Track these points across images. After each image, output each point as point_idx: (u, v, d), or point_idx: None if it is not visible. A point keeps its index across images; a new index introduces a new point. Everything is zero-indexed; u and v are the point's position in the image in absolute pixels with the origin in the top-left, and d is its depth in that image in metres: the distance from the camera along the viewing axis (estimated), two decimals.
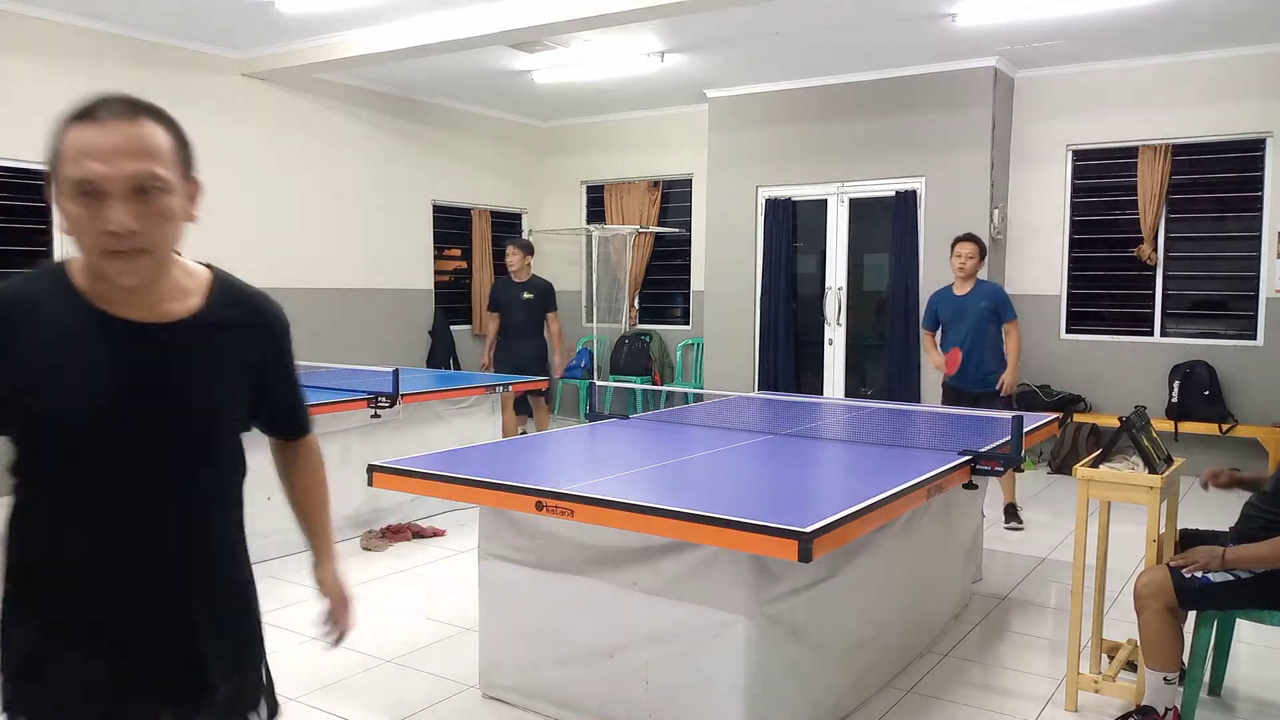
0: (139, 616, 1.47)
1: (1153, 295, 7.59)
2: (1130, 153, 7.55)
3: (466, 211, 9.75)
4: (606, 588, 2.99)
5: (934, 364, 6.02)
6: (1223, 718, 3.29)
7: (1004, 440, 3.70)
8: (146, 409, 1.43)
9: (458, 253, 9.79)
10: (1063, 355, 7.82)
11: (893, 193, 8.01)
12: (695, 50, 7.39)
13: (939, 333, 5.99)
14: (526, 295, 7.25)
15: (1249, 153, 7.18)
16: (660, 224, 9.81)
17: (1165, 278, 7.56)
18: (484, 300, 9.83)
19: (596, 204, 10.28)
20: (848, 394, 8.29)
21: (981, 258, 5.77)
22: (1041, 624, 4.18)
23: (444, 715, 3.23)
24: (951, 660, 3.74)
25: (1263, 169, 7.12)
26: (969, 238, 5.80)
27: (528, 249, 7.30)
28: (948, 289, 5.91)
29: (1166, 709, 2.98)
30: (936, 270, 7.82)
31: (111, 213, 1.33)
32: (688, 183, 9.67)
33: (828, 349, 8.45)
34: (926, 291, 7.85)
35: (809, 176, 8.40)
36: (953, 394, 5.85)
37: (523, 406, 7.27)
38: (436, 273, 9.42)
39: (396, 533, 5.42)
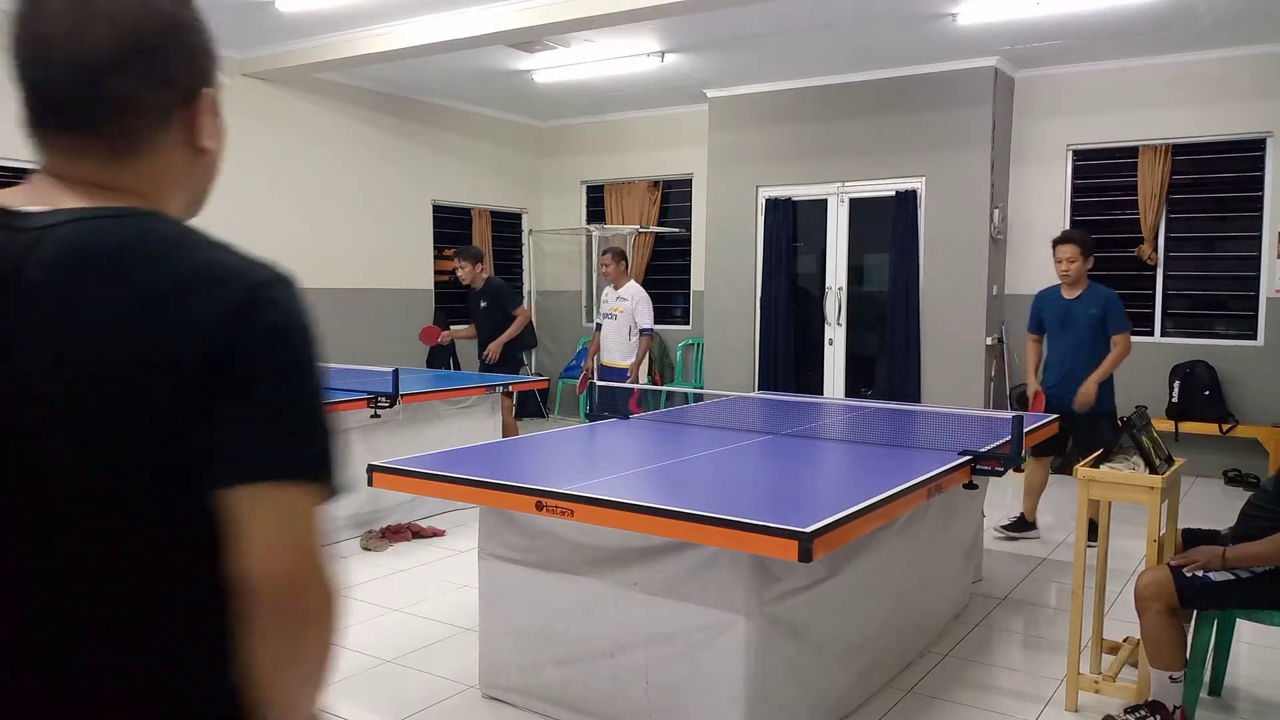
0: None
1: (1153, 295, 7.59)
2: (1130, 153, 7.55)
3: (466, 211, 9.75)
4: (606, 588, 2.98)
5: (1028, 386, 5.50)
6: (1223, 717, 3.29)
7: (1004, 440, 3.70)
8: None
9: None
10: None
11: (893, 193, 8.01)
12: (695, 50, 7.39)
13: (1044, 340, 5.50)
14: (483, 304, 6.92)
15: (1249, 153, 7.18)
16: (660, 224, 9.81)
17: (1165, 278, 7.56)
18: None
19: (596, 204, 10.27)
20: (848, 394, 8.29)
21: (1086, 257, 5.20)
22: (1041, 624, 4.18)
23: (444, 715, 3.23)
24: (951, 660, 3.73)
25: (1263, 169, 7.12)
26: (1068, 238, 5.24)
27: (475, 257, 6.86)
28: (1055, 289, 5.39)
29: (1174, 707, 2.99)
30: (937, 270, 7.83)
31: None
32: (688, 183, 9.66)
33: (828, 349, 8.45)
34: (927, 291, 7.87)
35: (809, 176, 8.40)
36: (1059, 418, 5.00)
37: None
38: (436, 273, 9.42)
39: (396, 533, 5.42)
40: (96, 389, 0.87)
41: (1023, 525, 5.51)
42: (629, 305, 6.76)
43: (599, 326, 7.08)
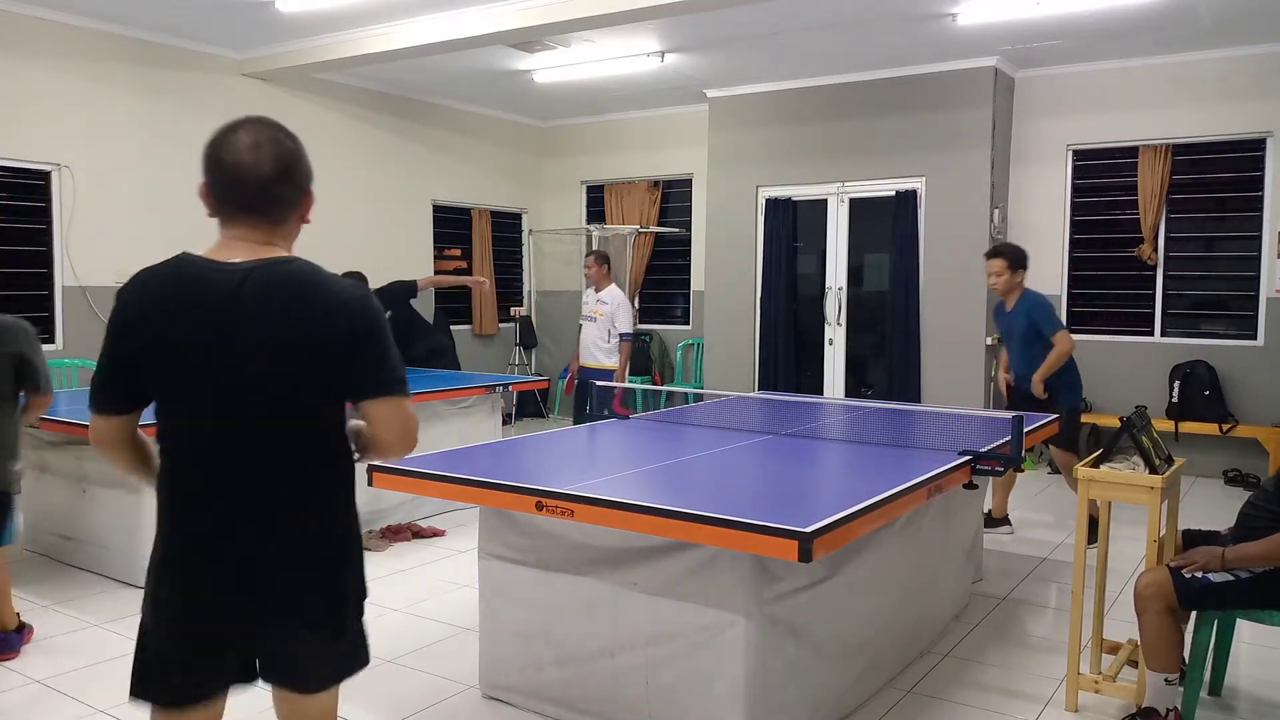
0: None
1: (1153, 295, 7.59)
2: (1130, 153, 7.55)
3: (466, 211, 9.75)
4: (606, 588, 2.98)
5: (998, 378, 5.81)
6: (1223, 718, 3.29)
7: (1004, 440, 3.70)
8: None
9: (458, 253, 9.79)
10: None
11: (893, 193, 8.01)
12: (695, 50, 7.39)
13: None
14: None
15: (1249, 153, 7.18)
16: (660, 224, 9.81)
17: (1165, 278, 7.55)
18: (484, 299, 9.84)
19: (596, 204, 10.28)
20: (848, 394, 8.29)
21: (1014, 269, 5.32)
22: (1041, 624, 4.18)
23: (444, 715, 3.23)
24: (951, 660, 3.73)
25: (1263, 169, 7.12)
26: (995, 251, 5.41)
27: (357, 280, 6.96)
28: (1002, 303, 5.53)
29: (1168, 709, 2.98)
30: (937, 270, 7.83)
31: None
32: (688, 183, 9.66)
33: (828, 349, 8.45)
34: (927, 291, 7.88)
35: (809, 176, 8.40)
36: (1017, 396, 5.53)
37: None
38: (436, 272, 9.41)
39: (396, 533, 5.42)
40: (300, 348, 1.76)
41: (990, 522, 5.53)
42: (609, 309, 6.73)
43: (581, 328, 7.07)
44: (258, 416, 1.78)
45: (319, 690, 1.96)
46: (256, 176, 1.76)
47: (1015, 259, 5.36)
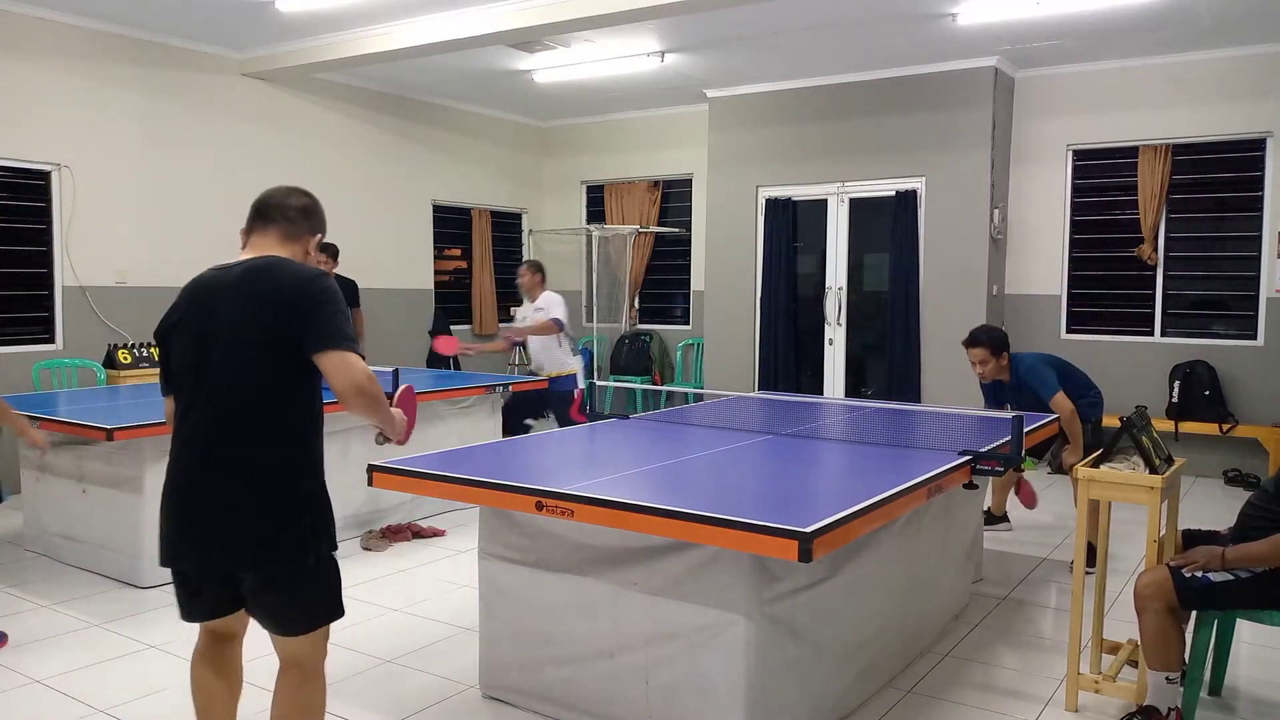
0: None
1: (1153, 295, 7.59)
2: (1130, 153, 7.55)
3: (466, 211, 9.75)
4: (606, 588, 2.98)
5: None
6: (1223, 718, 3.29)
7: (1004, 440, 3.70)
8: None
9: (458, 253, 9.79)
10: (1063, 355, 7.79)
11: (893, 193, 8.01)
12: (695, 50, 7.39)
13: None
14: None
15: (1249, 153, 7.18)
16: (660, 224, 9.81)
17: (1165, 278, 7.56)
18: (484, 299, 9.83)
19: (596, 204, 10.28)
20: (848, 394, 8.29)
21: (998, 354, 5.01)
22: (1041, 624, 4.18)
23: (444, 715, 3.23)
24: (951, 660, 3.73)
25: (1263, 169, 7.12)
26: (975, 340, 5.05)
27: (333, 254, 6.86)
28: (999, 381, 5.21)
29: (1169, 709, 2.98)
30: (937, 270, 7.83)
31: None
32: (688, 183, 9.67)
33: (828, 349, 8.45)
34: (927, 291, 7.88)
35: (809, 176, 8.40)
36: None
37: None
38: (436, 273, 9.42)
39: (396, 533, 5.42)
40: (258, 313, 2.24)
41: (990, 519, 5.51)
42: (546, 313, 6.50)
43: (525, 344, 6.78)
44: (230, 369, 2.23)
45: (294, 634, 2.30)
46: (279, 200, 2.41)
47: (996, 344, 5.03)
